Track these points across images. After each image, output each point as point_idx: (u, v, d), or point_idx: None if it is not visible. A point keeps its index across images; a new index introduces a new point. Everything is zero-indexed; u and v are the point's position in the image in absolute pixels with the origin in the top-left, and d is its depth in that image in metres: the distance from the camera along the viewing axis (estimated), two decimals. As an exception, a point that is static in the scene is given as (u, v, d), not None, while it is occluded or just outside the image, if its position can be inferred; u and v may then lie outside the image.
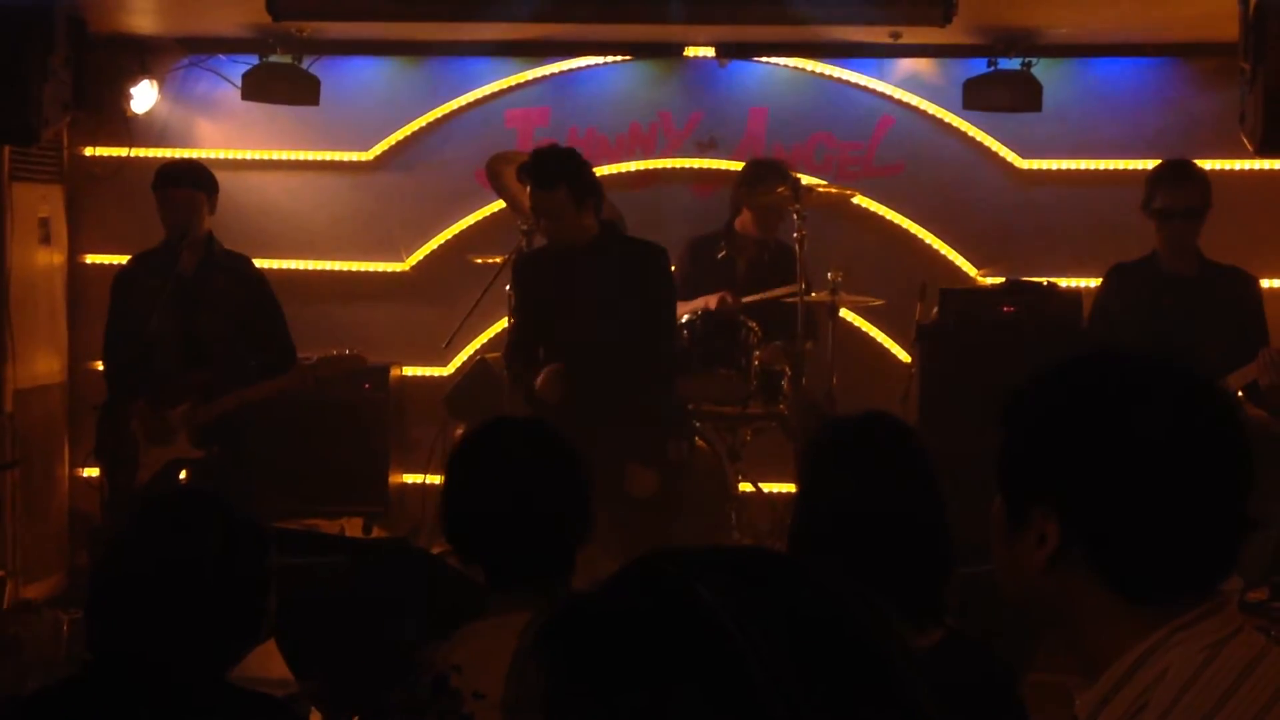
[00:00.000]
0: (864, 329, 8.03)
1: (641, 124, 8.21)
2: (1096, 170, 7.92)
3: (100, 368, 6.86)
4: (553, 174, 6.00)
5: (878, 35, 7.51)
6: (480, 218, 8.19)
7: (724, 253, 7.33)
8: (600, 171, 7.96)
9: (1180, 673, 1.68)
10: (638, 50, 8.13)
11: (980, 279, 7.92)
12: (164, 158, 7.78)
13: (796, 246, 6.92)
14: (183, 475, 6.41)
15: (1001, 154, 8.00)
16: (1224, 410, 1.77)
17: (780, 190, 7.00)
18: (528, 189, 6.15)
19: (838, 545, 2.85)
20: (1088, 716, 1.73)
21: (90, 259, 8.29)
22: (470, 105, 8.25)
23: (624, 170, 8.20)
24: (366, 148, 8.29)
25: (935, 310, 7.05)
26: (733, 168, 7.90)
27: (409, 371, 8.23)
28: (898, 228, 8.06)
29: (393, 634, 3.62)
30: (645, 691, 0.96)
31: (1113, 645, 1.73)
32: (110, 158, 8.21)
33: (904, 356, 7.74)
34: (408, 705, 2.89)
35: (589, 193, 6.07)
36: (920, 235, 8.04)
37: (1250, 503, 1.74)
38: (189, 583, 2.66)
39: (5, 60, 6.06)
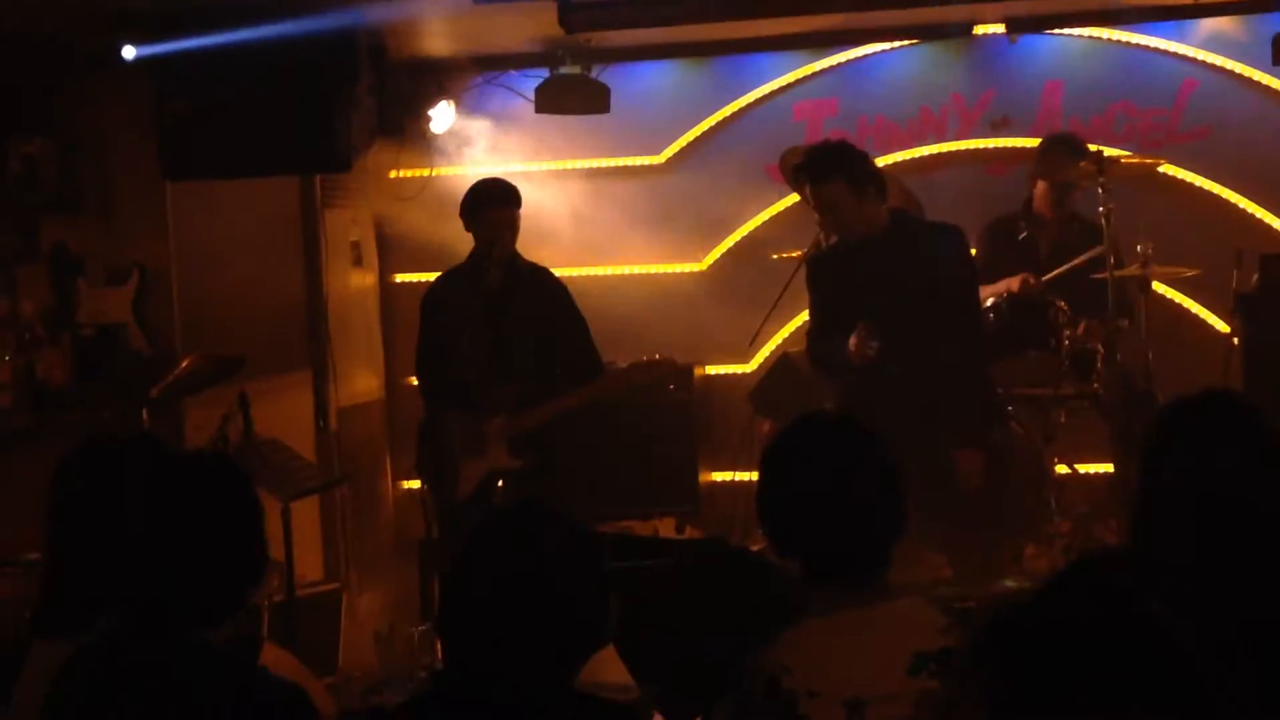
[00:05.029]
0: (1178, 301, 7.75)
1: (932, 107, 8.09)
2: None
3: (415, 383, 7.06)
4: (827, 168, 5.98)
5: (1177, -4, 7.26)
6: (775, 213, 8.19)
7: (1025, 233, 7.18)
8: (892, 158, 7.92)
9: None
10: (925, 33, 8.01)
11: (1301, 243, 7.57)
12: (465, 176, 7.98)
13: (1104, 221, 6.72)
14: (500, 485, 6.53)
15: (1317, 110, 7.63)
16: None
17: (1082, 165, 6.81)
18: (806, 187, 6.14)
19: (1187, 533, 2.75)
20: None
21: (400, 278, 8.56)
22: (758, 101, 8.26)
23: (916, 156, 8.10)
24: (658, 151, 8.37)
25: (1255, 277, 6.77)
26: (1027, 145, 7.72)
27: (711, 370, 8.27)
28: (1208, 194, 7.76)
29: (727, 633, 3.62)
30: (1096, 705, 0.92)
31: None
32: (414, 178, 8.47)
33: (1222, 327, 7.46)
34: (742, 710, 2.90)
35: (868, 182, 6.00)
36: (1234, 200, 7.72)
37: None
38: (533, 594, 2.71)
39: (315, 92, 6.30)
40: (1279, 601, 0.88)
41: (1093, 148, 7.01)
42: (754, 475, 8.23)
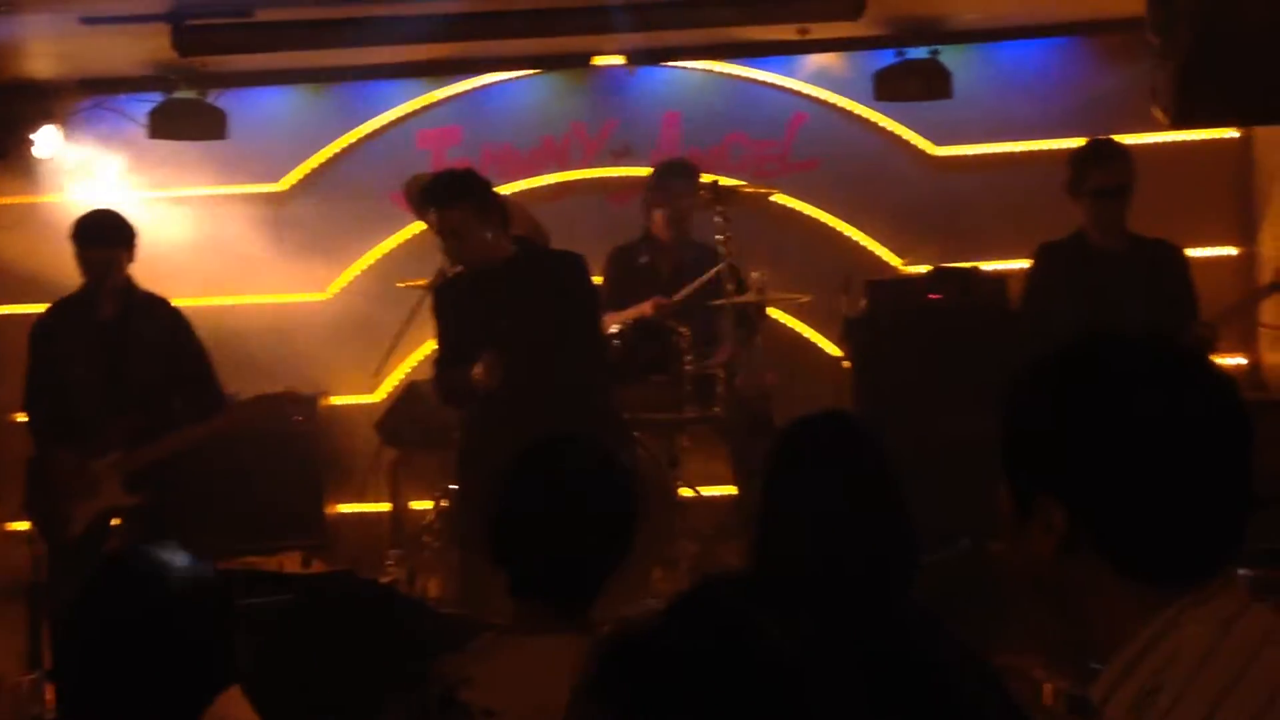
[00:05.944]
0: (793, 326, 8.03)
1: (555, 136, 8.18)
2: (1010, 152, 7.97)
3: (24, 419, 6.71)
4: (452, 194, 5.99)
5: (786, 33, 7.52)
6: (400, 241, 8.14)
7: (646, 258, 7.33)
8: (515, 187, 7.96)
9: (1193, 652, 1.66)
10: (546, 63, 8.09)
11: (904, 268, 7.94)
12: (73, 203, 7.63)
13: (720, 249, 6.90)
14: (115, 523, 6.29)
15: (915, 142, 8.04)
16: (1221, 387, 1.76)
17: (700, 193, 7.00)
18: (431, 213, 6.12)
19: (804, 549, 2.82)
20: (1101, 699, 1.72)
21: (4, 309, 8.12)
22: (381, 129, 8.21)
23: (539, 184, 8.16)
24: (278, 178, 8.21)
25: (862, 302, 7.05)
26: (648, 174, 7.88)
27: (338, 401, 8.14)
28: (818, 222, 8.07)
29: (357, 667, 3.55)
30: None
31: (1123, 627, 1.72)
32: (17, 205, 8.05)
33: (834, 350, 7.75)
34: (413, 716, 2.84)
35: (492, 209, 6.04)
36: (841, 229, 8.05)
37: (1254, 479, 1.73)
38: (147, 640, 2.64)
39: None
40: (885, 624, 0.90)
41: (709, 178, 7.21)
42: (382, 506, 8.14)
